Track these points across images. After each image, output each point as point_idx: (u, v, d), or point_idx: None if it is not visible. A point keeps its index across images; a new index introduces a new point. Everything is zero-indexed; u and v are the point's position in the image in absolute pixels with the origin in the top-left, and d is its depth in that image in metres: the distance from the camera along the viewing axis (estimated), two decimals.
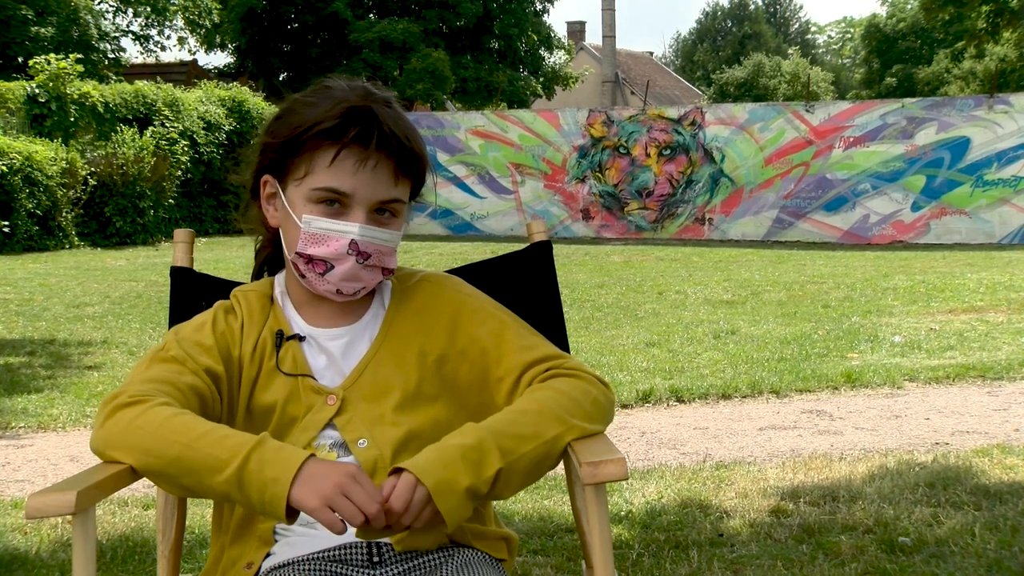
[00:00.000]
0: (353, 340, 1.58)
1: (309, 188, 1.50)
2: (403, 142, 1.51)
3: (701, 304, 8.52)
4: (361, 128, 1.48)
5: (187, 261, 1.85)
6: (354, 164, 1.48)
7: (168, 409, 1.39)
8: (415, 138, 1.54)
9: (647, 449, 4.27)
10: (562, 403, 1.46)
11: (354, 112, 1.48)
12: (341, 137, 1.47)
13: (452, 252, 13.86)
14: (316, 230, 1.51)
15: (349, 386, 1.54)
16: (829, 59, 62.69)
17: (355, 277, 1.53)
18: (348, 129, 1.47)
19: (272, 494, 1.28)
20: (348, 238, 1.50)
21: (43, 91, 15.30)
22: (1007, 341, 6.46)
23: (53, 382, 5.59)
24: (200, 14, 24.40)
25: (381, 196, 1.51)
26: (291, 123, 1.52)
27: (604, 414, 1.51)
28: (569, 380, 1.51)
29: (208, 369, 1.51)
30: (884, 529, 3.05)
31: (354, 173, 1.48)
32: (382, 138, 1.48)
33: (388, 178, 1.51)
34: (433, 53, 24.27)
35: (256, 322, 1.59)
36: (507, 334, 1.59)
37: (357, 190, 1.49)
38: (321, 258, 1.52)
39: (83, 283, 10.37)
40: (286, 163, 1.53)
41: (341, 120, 1.47)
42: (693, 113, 16.73)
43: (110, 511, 3.38)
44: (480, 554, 1.52)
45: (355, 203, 1.50)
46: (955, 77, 37.52)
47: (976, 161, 15.12)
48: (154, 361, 1.51)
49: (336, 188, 1.49)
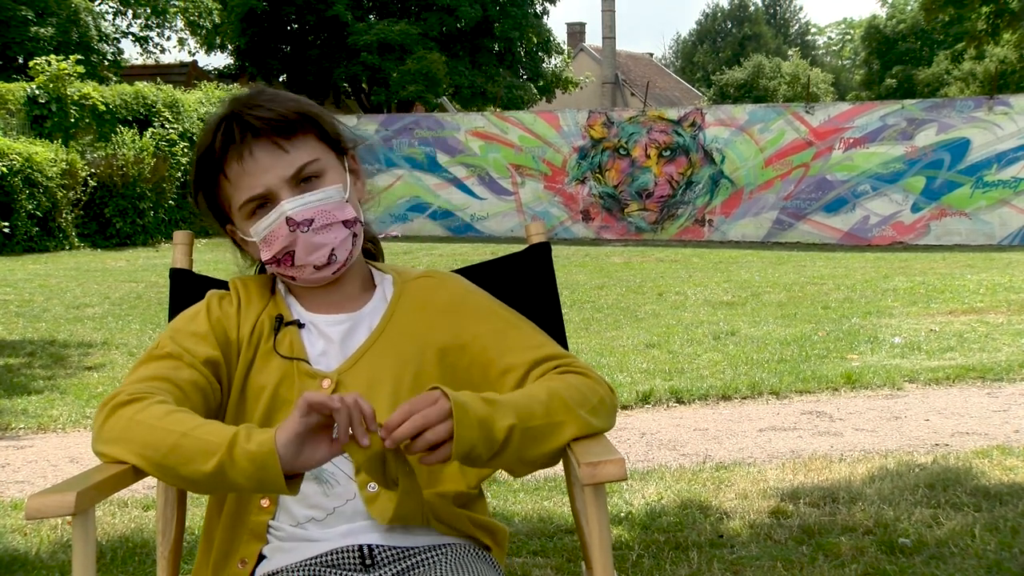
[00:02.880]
0: (353, 327, 1.59)
1: (238, 210, 1.56)
2: (263, 114, 1.52)
3: (701, 305, 8.52)
4: (224, 131, 1.52)
5: (186, 263, 1.85)
6: (238, 165, 1.51)
7: (165, 406, 1.39)
8: (281, 100, 1.55)
9: (647, 450, 4.27)
10: (571, 394, 1.46)
11: (220, 124, 1.53)
12: (221, 153, 1.53)
13: (452, 253, 13.86)
14: (262, 233, 1.55)
15: (345, 371, 1.54)
16: (829, 60, 62.71)
17: (313, 246, 1.53)
18: (215, 141, 1.53)
19: (261, 455, 1.27)
20: (282, 218, 1.52)
21: (43, 92, 15.31)
22: (1007, 342, 6.46)
23: (53, 383, 5.59)
24: (200, 15, 24.41)
25: (284, 172, 1.52)
26: (194, 174, 1.60)
27: (609, 414, 1.52)
28: (578, 376, 1.52)
29: (206, 360, 1.51)
30: (884, 530, 3.05)
31: (245, 171, 1.51)
32: (244, 126, 1.51)
33: (273, 152, 1.52)
34: (428, 55, 24.27)
35: (255, 306, 1.60)
36: (511, 332, 1.58)
37: (259, 183, 1.52)
38: (280, 251, 1.54)
39: (83, 284, 10.37)
40: (218, 206, 1.59)
41: (212, 138, 1.53)
42: (693, 114, 16.73)
43: (110, 512, 3.38)
44: (472, 550, 1.51)
45: (272, 192, 1.52)
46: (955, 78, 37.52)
47: (976, 162, 15.12)
48: (150, 360, 1.52)
49: (248, 196, 1.53)
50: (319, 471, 1.48)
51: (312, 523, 1.48)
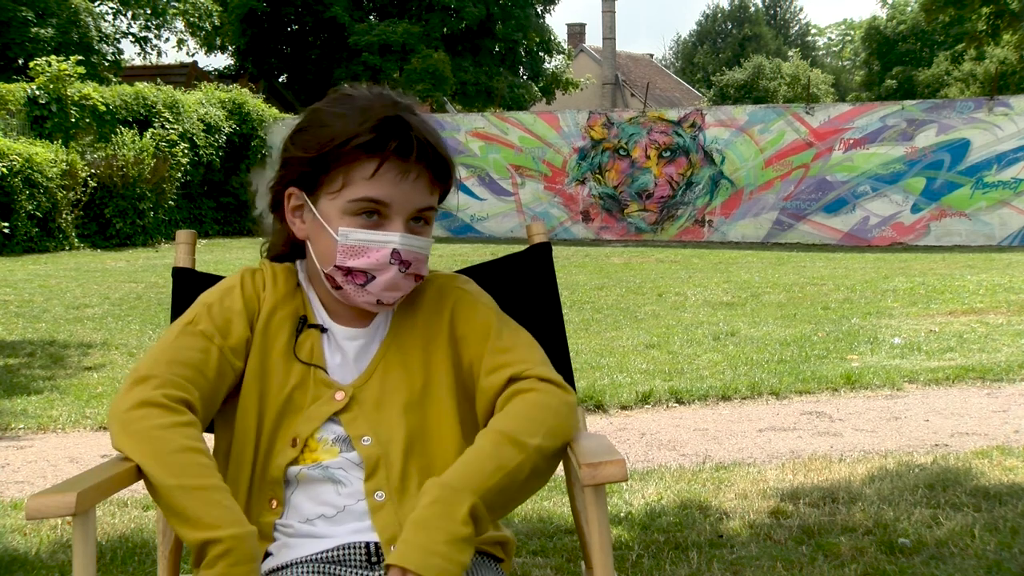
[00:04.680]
0: (367, 343, 1.60)
1: (347, 200, 1.50)
2: (437, 151, 1.53)
3: (701, 306, 8.52)
4: (401, 140, 1.48)
5: (189, 262, 1.85)
6: (395, 176, 1.49)
7: (188, 439, 1.40)
8: (444, 145, 1.56)
9: (647, 450, 4.27)
10: (520, 428, 1.45)
11: (388, 123, 1.48)
12: (381, 150, 1.48)
13: (452, 254, 13.86)
14: (355, 242, 1.51)
15: (360, 385, 1.55)
16: (829, 61, 62.71)
17: (395, 286, 1.53)
18: (387, 142, 1.48)
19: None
20: (390, 248, 1.50)
21: (43, 93, 15.32)
22: (1007, 343, 6.46)
23: (53, 383, 5.59)
24: (200, 16, 24.42)
25: (419, 204, 1.53)
26: (321, 136, 1.51)
27: (565, 422, 1.50)
28: (526, 398, 1.50)
29: (237, 343, 1.53)
30: (884, 530, 3.05)
31: (396, 184, 1.49)
32: (421, 148, 1.49)
33: (426, 187, 1.53)
34: (434, 54, 24.29)
35: (278, 291, 1.60)
36: (490, 332, 1.60)
37: (397, 200, 1.50)
38: (361, 269, 1.52)
39: (83, 284, 10.38)
40: (318, 176, 1.52)
41: (377, 133, 1.48)
42: (693, 115, 16.74)
43: (110, 512, 3.38)
44: (479, 557, 1.52)
45: (394, 213, 1.51)
46: (955, 79, 37.53)
47: (976, 163, 15.13)
48: (184, 334, 1.52)
49: (378, 198, 1.49)
50: (331, 472, 1.50)
51: (322, 519, 1.49)
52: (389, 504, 1.48)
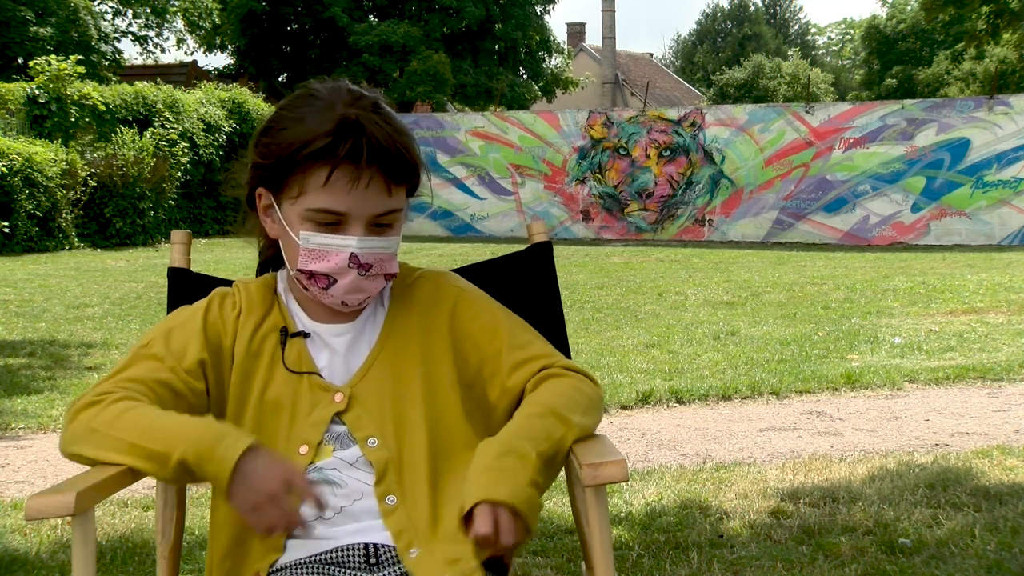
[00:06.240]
0: (356, 337, 1.59)
1: (304, 208, 1.49)
2: (394, 152, 1.48)
3: (701, 305, 8.52)
4: (352, 144, 1.44)
5: (184, 262, 1.86)
6: (347, 183, 1.46)
7: (123, 404, 1.43)
8: (407, 143, 1.51)
9: (647, 450, 4.27)
10: (560, 403, 1.50)
11: (344, 126, 1.45)
12: (332, 157, 1.45)
13: (452, 253, 13.86)
14: (315, 246, 1.50)
15: (356, 383, 1.55)
16: (829, 60, 62.70)
17: (358, 289, 1.53)
18: (338, 147, 1.44)
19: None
20: (347, 251, 1.50)
21: (43, 92, 15.31)
22: (1007, 342, 6.46)
23: (53, 383, 5.59)
24: (200, 16, 24.41)
25: (376, 210, 1.50)
26: (280, 141, 1.49)
27: (597, 410, 1.56)
28: (562, 380, 1.55)
29: (191, 364, 1.53)
30: (884, 530, 3.04)
31: (348, 192, 1.46)
32: (373, 152, 1.45)
33: (382, 192, 1.49)
34: (434, 55, 24.28)
35: (255, 313, 1.59)
36: (501, 330, 1.60)
37: (352, 208, 1.48)
38: (322, 273, 1.51)
39: (83, 284, 10.37)
40: (279, 180, 1.51)
41: (331, 138, 1.44)
42: (693, 114, 16.73)
43: (110, 512, 3.38)
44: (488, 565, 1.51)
45: (352, 220, 1.49)
46: (955, 78, 37.51)
47: (976, 162, 15.12)
48: (135, 358, 1.54)
49: (331, 209, 1.47)
50: (325, 473, 1.50)
51: (320, 522, 1.48)
52: (401, 508, 1.48)
